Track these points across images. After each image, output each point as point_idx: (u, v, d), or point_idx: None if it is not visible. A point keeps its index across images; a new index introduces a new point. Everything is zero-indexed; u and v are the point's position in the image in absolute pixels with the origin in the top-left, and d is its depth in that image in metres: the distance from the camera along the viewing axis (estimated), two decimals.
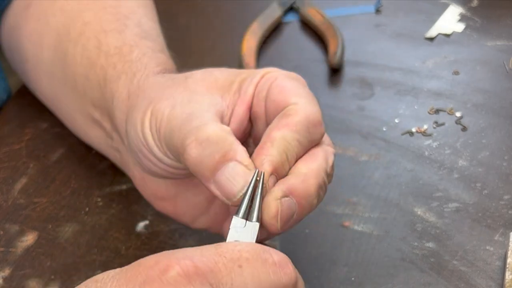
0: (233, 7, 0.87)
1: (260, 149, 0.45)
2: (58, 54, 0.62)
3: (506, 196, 0.60)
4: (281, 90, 0.48)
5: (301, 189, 0.44)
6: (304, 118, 0.46)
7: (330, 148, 0.48)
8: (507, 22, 0.81)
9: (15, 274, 0.56)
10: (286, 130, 0.45)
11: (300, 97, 0.47)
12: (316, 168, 0.46)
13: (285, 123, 0.45)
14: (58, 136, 0.69)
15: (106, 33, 0.59)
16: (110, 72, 0.56)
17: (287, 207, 0.44)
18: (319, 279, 0.55)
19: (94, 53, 0.58)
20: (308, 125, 0.46)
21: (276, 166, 0.44)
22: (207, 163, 0.44)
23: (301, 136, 0.45)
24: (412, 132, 0.68)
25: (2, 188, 0.64)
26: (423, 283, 0.54)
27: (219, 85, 0.50)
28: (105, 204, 0.62)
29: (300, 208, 0.45)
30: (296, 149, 0.45)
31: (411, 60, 0.76)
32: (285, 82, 0.48)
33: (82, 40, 0.60)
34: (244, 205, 0.43)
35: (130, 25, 0.60)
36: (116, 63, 0.57)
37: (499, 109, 0.69)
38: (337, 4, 0.85)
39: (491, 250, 0.56)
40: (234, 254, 0.39)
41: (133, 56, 0.56)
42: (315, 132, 0.47)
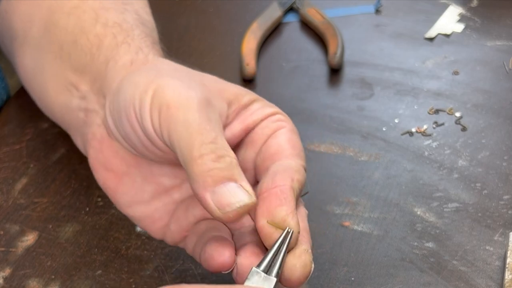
0: (233, 7, 0.87)
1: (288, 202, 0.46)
2: (48, 26, 0.60)
3: (506, 196, 0.61)
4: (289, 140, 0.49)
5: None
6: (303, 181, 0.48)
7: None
8: (507, 22, 0.81)
9: (16, 274, 0.57)
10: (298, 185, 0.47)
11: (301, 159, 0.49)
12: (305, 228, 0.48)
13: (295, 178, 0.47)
14: (58, 136, 0.69)
15: (106, 9, 0.57)
16: (108, 41, 0.54)
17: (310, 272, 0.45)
18: (319, 279, 0.55)
19: (89, 23, 0.57)
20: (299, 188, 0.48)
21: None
22: (215, 175, 0.43)
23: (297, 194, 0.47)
24: (412, 132, 0.68)
25: (3, 188, 0.64)
26: (423, 283, 0.54)
27: (231, 92, 0.49)
28: (106, 204, 0.62)
29: None
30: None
31: (411, 60, 0.76)
32: (293, 136, 0.50)
33: (77, 12, 0.58)
34: (268, 259, 0.44)
35: (130, 10, 0.59)
36: (117, 34, 0.55)
37: (499, 109, 0.70)
38: (337, 4, 0.85)
39: (491, 250, 0.56)
40: None
41: (135, 33, 0.55)
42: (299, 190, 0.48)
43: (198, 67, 0.52)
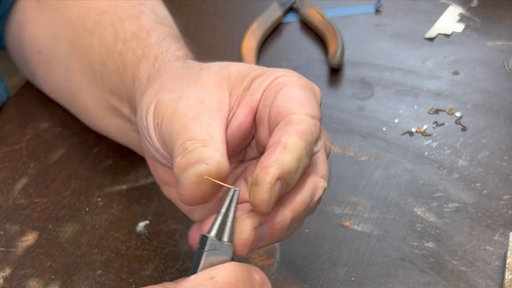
0: (233, 7, 0.87)
1: (272, 152, 0.43)
2: (75, 45, 0.62)
3: (505, 196, 0.61)
4: (287, 98, 0.46)
5: (276, 221, 0.43)
6: (308, 128, 0.44)
7: (321, 182, 0.47)
8: (507, 22, 0.81)
9: (16, 274, 0.57)
10: (296, 138, 0.43)
11: (304, 108, 0.45)
12: (298, 201, 0.44)
13: (294, 130, 0.43)
14: (58, 136, 0.69)
15: (122, 20, 0.59)
16: (130, 57, 0.56)
17: (258, 236, 0.43)
18: (319, 279, 0.55)
19: (111, 41, 0.58)
20: (312, 137, 0.44)
21: (287, 172, 0.42)
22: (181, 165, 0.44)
23: (308, 146, 0.43)
24: (412, 132, 0.68)
25: (3, 188, 0.64)
26: (423, 283, 0.54)
27: (231, 80, 0.48)
28: (106, 204, 0.62)
29: (269, 237, 0.44)
30: (306, 159, 0.43)
31: (411, 60, 0.76)
32: (293, 90, 0.46)
33: (98, 29, 0.60)
34: (217, 224, 0.42)
35: (146, 11, 0.60)
36: (135, 48, 0.56)
37: (499, 109, 0.70)
38: (337, 4, 0.85)
39: (491, 250, 0.56)
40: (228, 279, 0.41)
41: (152, 40, 0.56)
42: (315, 146, 0.45)
43: None
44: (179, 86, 0.49)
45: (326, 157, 0.48)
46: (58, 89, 0.68)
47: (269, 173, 0.41)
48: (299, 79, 0.48)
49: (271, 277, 0.55)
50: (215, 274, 0.41)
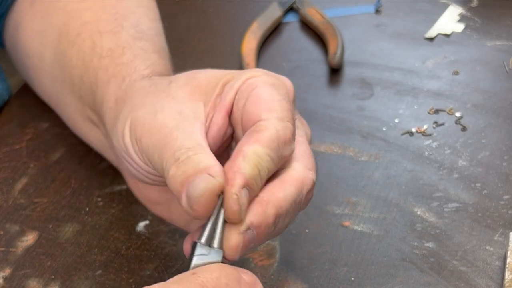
0: (233, 7, 0.87)
1: (232, 162, 0.44)
2: (58, 55, 0.62)
3: (505, 196, 0.61)
4: (256, 101, 0.46)
5: (260, 221, 0.44)
6: (274, 134, 0.44)
7: (310, 175, 0.47)
8: (507, 22, 0.81)
9: (16, 274, 0.57)
10: (257, 146, 0.44)
11: (272, 111, 0.45)
12: (281, 198, 0.45)
13: (255, 138, 0.44)
14: (58, 136, 0.69)
15: (102, 34, 0.59)
16: (101, 75, 0.56)
17: (247, 240, 0.44)
18: (319, 279, 0.55)
19: (88, 54, 0.58)
20: (278, 142, 0.45)
21: (249, 179, 0.43)
22: (178, 179, 0.44)
23: (272, 152, 0.44)
24: (412, 132, 0.68)
25: (3, 188, 0.64)
26: (423, 283, 0.54)
27: (202, 89, 0.48)
28: (106, 204, 0.62)
29: (258, 238, 0.44)
30: (268, 164, 0.44)
31: (411, 60, 0.76)
32: (262, 91, 0.46)
33: (78, 41, 0.60)
34: (207, 231, 0.43)
35: (127, 26, 0.59)
36: (108, 66, 0.56)
37: (499, 109, 0.70)
38: (337, 4, 0.85)
39: (491, 250, 0.56)
40: (213, 282, 0.41)
41: (124, 58, 0.56)
42: (285, 148, 0.45)
43: (198, 67, 0.52)
44: (150, 101, 0.49)
45: (308, 144, 0.49)
46: (47, 95, 0.67)
47: (234, 185, 0.43)
48: (268, 78, 0.47)
49: (271, 277, 0.55)
50: (198, 270, 0.42)
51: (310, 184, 0.46)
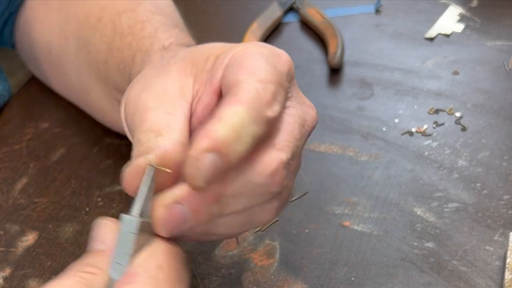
0: (233, 7, 0.87)
1: (205, 125, 0.39)
2: (81, 43, 0.62)
3: (505, 196, 0.61)
4: (237, 68, 0.42)
5: (197, 199, 0.40)
6: (254, 93, 0.40)
7: (277, 154, 0.41)
8: (507, 22, 0.81)
9: (16, 274, 0.57)
10: (237, 106, 0.39)
11: (252, 74, 0.41)
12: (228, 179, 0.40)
13: (234, 99, 0.40)
14: (58, 136, 0.69)
15: (120, 14, 0.59)
16: (126, 53, 0.56)
17: (176, 215, 0.40)
18: (319, 279, 0.55)
19: (110, 37, 0.58)
20: (260, 101, 0.40)
21: (221, 142, 0.38)
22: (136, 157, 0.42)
23: (255, 112, 0.39)
24: (412, 132, 0.68)
25: (3, 188, 0.64)
26: (423, 283, 0.54)
27: (194, 64, 0.45)
28: (106, 204, 0.62)
29: (195, 217, 0.41)
30: (252, 128, 0.39)
31: (411, 60, 0.76)
32: (248, 60, 0.42)
33: (99, 26, 0.60)
34: (138, 203, 0.40)
35: (144, 2, 0.59)
36: (131, 42, 0.56)
37: (499, 109, 0.70)
38: (337, 4, 0.85)
39: (491, 250, 0.56)
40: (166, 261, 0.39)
41: (146, 32, 0.56)
42: (267, 109, 0.40)
43: None
44: (147, 77, 0.47)
45: (297, 126, 0.43)
46: (70, 88, 0.68)
47: (194, 148, 0.38)
48: (259, 48, 0.43)
49: (271, 277, 0.55)
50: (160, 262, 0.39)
51: (276, 166, 0.40)
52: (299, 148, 0.43)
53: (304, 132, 0.44)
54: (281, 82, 0.42)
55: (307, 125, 0.44)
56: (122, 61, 0.56)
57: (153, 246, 0.40)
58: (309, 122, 0.45)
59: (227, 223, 0.42)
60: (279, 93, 0.41)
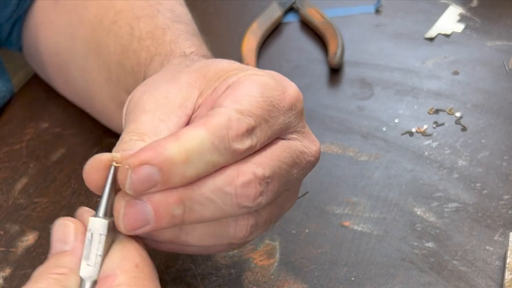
0: (233, 7, 0.87)
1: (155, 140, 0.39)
2: (92, 45, 0.62)
3: (505, 196, 0.61)
4: (228, 93, 0.41)
5: (157, 200, 0.39)
6: (225, 121, 0.39)
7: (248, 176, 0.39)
8: (507, 22, 0.81)
9: (16, 274, 0.57)
10: (202, 130, 0.38)
11: (235, 102, 0.40)
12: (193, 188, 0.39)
13: (201, 122, 0.39)
14: (58, 136, 0.69)
15: (139, 19, 0.58)
16: (143, 56, 0.55)
17: (136, 213, 0.39)
18: (319, 279, 0.55)
19: (126, 39, 0.58)
20: (228, 131, 0.39)
21: (165, 159, 0.38)
22: None
23: (218, 140, 0.38)
24: (412, 132, 0.68)
25: (3, 188, 0.64)
26: (423, 283, 0.54)
27: (206, 79, 0.44)
28: None
29: (157, 220, 0.39)
30: (210, 155, 0.38)
31: (411, 60, 0.76)
32: (244, 86, 0.41)
33: (114, 28, 0.60)
34: (103, 203, 0.40)
35: (162, 10, 0.59)
36: (149, 46, 0.55)
37: (499, 109, 0.70)
38: (337, 4, 0.85)
39: (491, 250, 0.56)
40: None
41: (167, 38, 0.55)
42: (237, 141, 0.39)
43: None
44: (156, 81, 0.47)
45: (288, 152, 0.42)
46: (76, 91, 0.68)
47: (132, 156, 0.38)
48: (265, 78, 0.42)
49: (271, 277, 0.55)
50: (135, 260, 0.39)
51: (248, 178, 0.39)
52: (287, 173, 0.42)
53: (298, 162, 0.43)
54: (268, 118, 0.41)
55: (304, 157, 0.43)
56: (137, 63, 0.56)
57: (125, 244, 0.40)
58: (307, 156, 0.44)
59: (198, 231, 0.42)
60: (259, 128, 0.40)
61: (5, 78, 0.73)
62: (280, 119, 0.42)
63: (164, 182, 0.38)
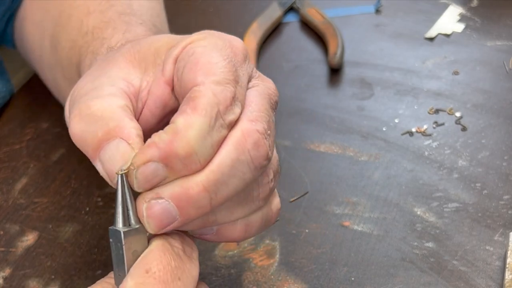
0: (233, 7, 0.87)
1: (160, 133, 0.38)
2: (53, 41, 0.62)
3: (505, 196, 0.61)
4: (192, 67, 0.40)
5: (177, 193, 0.39)
6: (212, 99, 0.39)
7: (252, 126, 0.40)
8: (507, 22, 0.81)
9: (16, 274, 0.57)
10: (195, 116, 0.38)
11: (208, 74, 0.40)
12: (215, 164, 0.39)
13: (191, 107, 0.38)
14: (58, 136, 0.69)
15: (90, 14, 0.57)
16: (83, 52, 0.55)
17: (162, 211, 0.39)
18: (319, 279, 0.55)
19: (75, 35, 0.57)
20: (218, 108, 0.39)
21: (169, 156, 0.38)
22: (90, 140, 0.41)
23: (213, 121, 0.38)
24: (412, 132, 0.68)
25: (3, 188, 0.64)
26: (423, 283, 0.54)
27: (142, 54, 0.44)
28: (106, 204, 0.62)
29: (182, 212, 0.39)
30: (215, 135, 0.38)
31: (411, 60, 0.76)
32: (200, 56, 0.41)
33: (69, 23, 0.59)
34: (120, 212, 0.40)
35: (116, 4, 0.58)
36: (89, 42, 0.55)
37: (499, 109, 0.70)
38: (337, 4, 0.85)
39: (491, 250, 0.56)
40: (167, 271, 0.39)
41: (105, 33, 0.54)
42: (227, 113, 0.39)
43: None
44: (91, 70, 0.46)
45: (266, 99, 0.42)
46: (51, 87, 0.67)
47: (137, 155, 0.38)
48: (209, 40, 0.42)
49: (271, 277, 0.55)
50: (147, 265, 0.39)
51: (255, 137, 0.40)
52: (271, 118, 0.42)
53: (272, 103, 0.43)
54: (237, 78, 0.41)
55: (272, 98, 0.44)
56: (79, 60, 0.55)
57: (146, 250, 0.40)
58: (273, 96, 0.44)
59: (225, 207, 0.41)
60: (238, 90, 0.40)
61: (5, 78, 0.73)
62: (243, 74, 0.42)
63: (173, 175, 0.38)
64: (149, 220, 0.40)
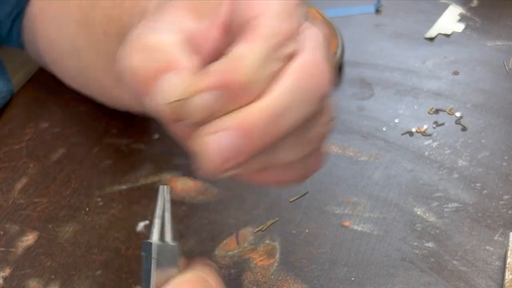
0: None
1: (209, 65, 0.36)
2: (81, 24, 0.61)
3: (506, 196, 0.61)
4: (248, 2, 0.38)
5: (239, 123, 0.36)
6: (271, 28, 0.36)
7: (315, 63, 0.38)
8: (507, 22, 0.81)
9: (15, 274, 0.57)
10: (253, 44, 0.36)
11: (266, 10, 0.37)
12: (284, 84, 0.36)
13: (249, 37, 0.36)
14: (58, 136, 0.69)
15: None
16: (126, 19, 0.54)
17: (220, 144, 0.36)
18: (319, 279, 0.55)
19: (109, 7, 0.57)
20: (279, 37, 0.37)
21: (226, 82, 0.35)
22: (144, 72, 0.38)
23: (273, 49, 0.36)
24: (412, 132, 0.68)
25: (2, 188, 0.64)
26: (423, 283, 0.54)
27: (196, 2, 0.41)
28: (105, 204, 0.62)
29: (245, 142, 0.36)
30: (273, 65, 0.36)
31: (411, 60, 0.76)
32: None
33: (99, 2, 0.59)
34: (156, 227, 0.39)
35: None
36: (130, 8, 0.54)
37: (499, 109, 0.70)
38: (337, 4, 0.85)
39: (491, 250, 0.56)
40: None
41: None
42: (287, 45, 0.37)
43: None
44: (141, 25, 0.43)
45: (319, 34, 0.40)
46: (72, 75, 0.67)
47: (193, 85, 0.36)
48: None
49: (271, 277, 0.55)
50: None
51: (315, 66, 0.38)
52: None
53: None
54: (297, 11, 0.38)
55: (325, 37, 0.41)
56: (122, 27, 0.53)
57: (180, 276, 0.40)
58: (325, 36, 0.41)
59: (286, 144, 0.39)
60: (299, 21, 0.38)
61: (5, 78, 0.73)
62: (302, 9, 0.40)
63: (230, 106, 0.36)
64: (210, 156, 0.36)
